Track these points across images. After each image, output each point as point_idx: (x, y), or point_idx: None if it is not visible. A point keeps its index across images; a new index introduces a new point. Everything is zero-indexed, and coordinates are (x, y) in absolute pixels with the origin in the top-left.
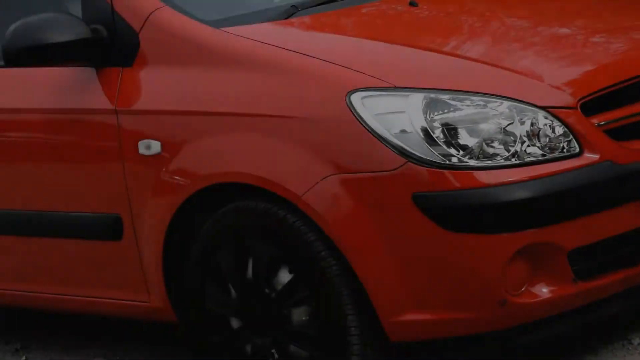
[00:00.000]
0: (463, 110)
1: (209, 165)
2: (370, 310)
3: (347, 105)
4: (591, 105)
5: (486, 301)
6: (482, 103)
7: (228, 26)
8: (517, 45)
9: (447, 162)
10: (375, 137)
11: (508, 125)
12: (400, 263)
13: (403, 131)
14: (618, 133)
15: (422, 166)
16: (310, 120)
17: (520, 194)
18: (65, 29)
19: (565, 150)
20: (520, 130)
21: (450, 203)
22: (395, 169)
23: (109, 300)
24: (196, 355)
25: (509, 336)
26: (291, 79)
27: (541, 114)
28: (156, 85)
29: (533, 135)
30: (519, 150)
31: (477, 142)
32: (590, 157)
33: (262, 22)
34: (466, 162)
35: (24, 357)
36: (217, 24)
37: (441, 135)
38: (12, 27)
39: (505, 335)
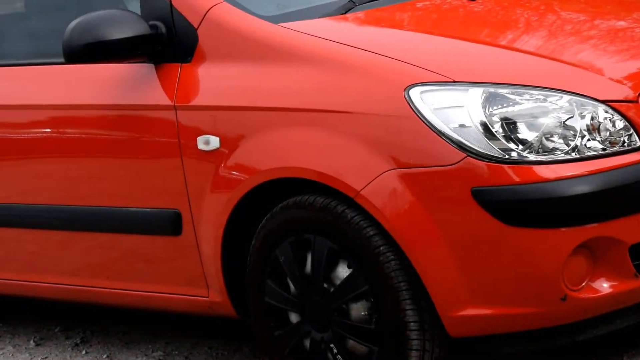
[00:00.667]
0: (522, 104)
1: (267, 160)
2: (429, 305)
3: (406, 100)
4: None
5: (546, 296)
6: (541, 97)
7: (286, 21)
8: (574, 39)
9: (507, 156)
10: (434, 132)
11: (568, 119)
12: (459, 258)
13: (462, 125)
14: None
15: (481, 161)
16: (369, 115)
17: (581, 188)
18: (125, 25)
19: (625, 144)
20: (580, 124)
21: (509, 198)
22: (454, 163)
23: (168, 295)
24: (255, 350)
25: (569, 332)
26: (349, 74)
27: (601, 108)
28: (215, 81)
29: (593, 129)
30: (579, 144)
31: (537, 137)
32: None
33: (319, 18)
34: (526, 156)
35: (83, 352)
36: (275, 19)
37: (500, 130)
38: (72, 24)
39: (566, 330)
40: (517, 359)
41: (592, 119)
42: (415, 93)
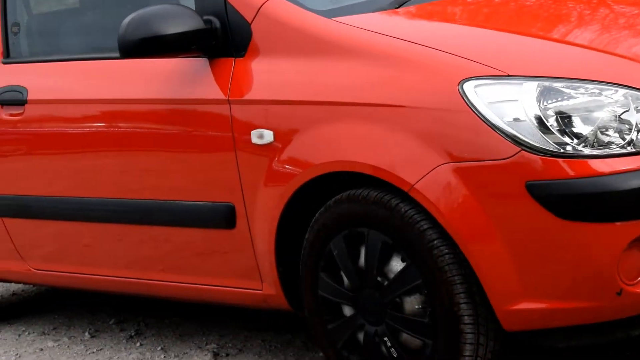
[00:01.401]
0: (577, 98)
1: (321, 154)
2: (484, 299)
3: (460, 94)
4: None
5: (601, 291)
6: (596, 91)
7: (339, 16)
8: (628, 32)
9: (562, 150)
10: (489, 126)
11: (623, 113)
12: (514, 251)
13: (516, 119)
14: None
15: (536, 155)
16: (423, 109)
17: (636, 182)
18: (179, 20)
19: None
20: (636, 118)
21: (564, 192)
22: (509, 157)
23: (222, 288)
24: (308, 343)
25: (625, 326)
26: (403, 68)
27: None
28: (268, 75)
29: None
30: (634, 138)
31: (592, 131)
32: None
33: (373, 12)
34: (580, 150)
35: (138, 344)
36: (329, 13)
37: (555, 124)
38: (127, 19)
39: (621, 325)
40: (572, 353)
41: None
42: (469, 87)
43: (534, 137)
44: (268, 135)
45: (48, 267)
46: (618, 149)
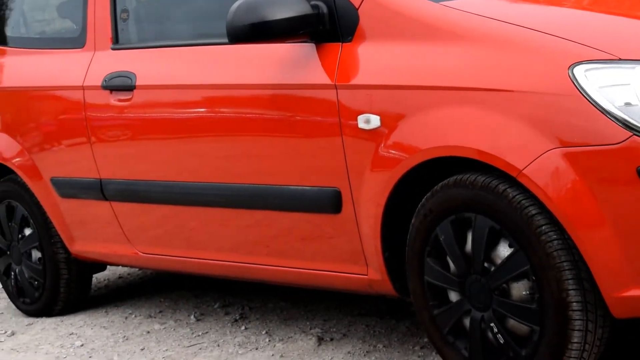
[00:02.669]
0: None
1: (428, 139)
2: (593, 286)
3: (570, 78)
4: None
5: None
6: None
7: (446, 0)
8: None
9: None
10: (599, 110)
11: None
12: (625, 238)
13: (628, 104)
14: None
15: None
16: (531, 94)
17: None
18: (287, 5)
19: None
20: None
21: None
22: (620, 142)
23: (326, 273)
24: (412, 328)
25: None
26: (511, 52)
27: None
28: (375, 60)
29: None
30: None
31: None
32: None
33: None
34: None
35: (242, 327)
36: None
37: None
38: (235, 5)
39: None
40: None
41: None
42: (579, 71)
43: None
44: (375, 120)
45: (155, 250)
46: None
